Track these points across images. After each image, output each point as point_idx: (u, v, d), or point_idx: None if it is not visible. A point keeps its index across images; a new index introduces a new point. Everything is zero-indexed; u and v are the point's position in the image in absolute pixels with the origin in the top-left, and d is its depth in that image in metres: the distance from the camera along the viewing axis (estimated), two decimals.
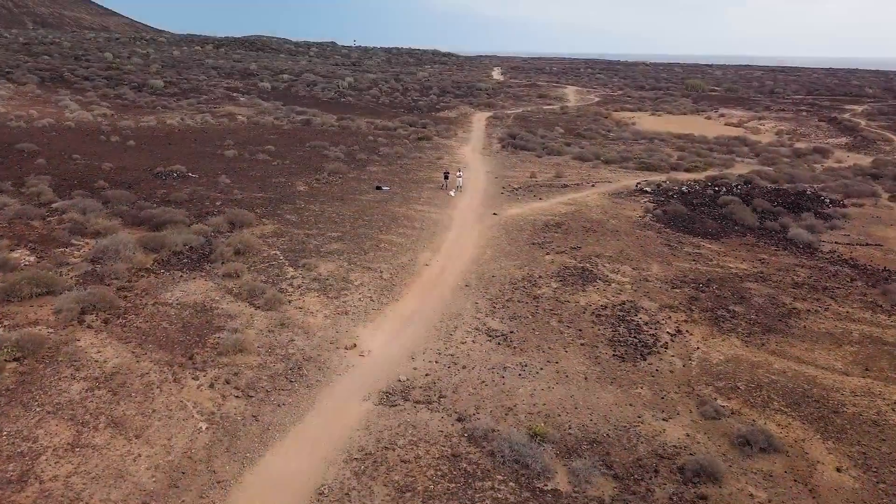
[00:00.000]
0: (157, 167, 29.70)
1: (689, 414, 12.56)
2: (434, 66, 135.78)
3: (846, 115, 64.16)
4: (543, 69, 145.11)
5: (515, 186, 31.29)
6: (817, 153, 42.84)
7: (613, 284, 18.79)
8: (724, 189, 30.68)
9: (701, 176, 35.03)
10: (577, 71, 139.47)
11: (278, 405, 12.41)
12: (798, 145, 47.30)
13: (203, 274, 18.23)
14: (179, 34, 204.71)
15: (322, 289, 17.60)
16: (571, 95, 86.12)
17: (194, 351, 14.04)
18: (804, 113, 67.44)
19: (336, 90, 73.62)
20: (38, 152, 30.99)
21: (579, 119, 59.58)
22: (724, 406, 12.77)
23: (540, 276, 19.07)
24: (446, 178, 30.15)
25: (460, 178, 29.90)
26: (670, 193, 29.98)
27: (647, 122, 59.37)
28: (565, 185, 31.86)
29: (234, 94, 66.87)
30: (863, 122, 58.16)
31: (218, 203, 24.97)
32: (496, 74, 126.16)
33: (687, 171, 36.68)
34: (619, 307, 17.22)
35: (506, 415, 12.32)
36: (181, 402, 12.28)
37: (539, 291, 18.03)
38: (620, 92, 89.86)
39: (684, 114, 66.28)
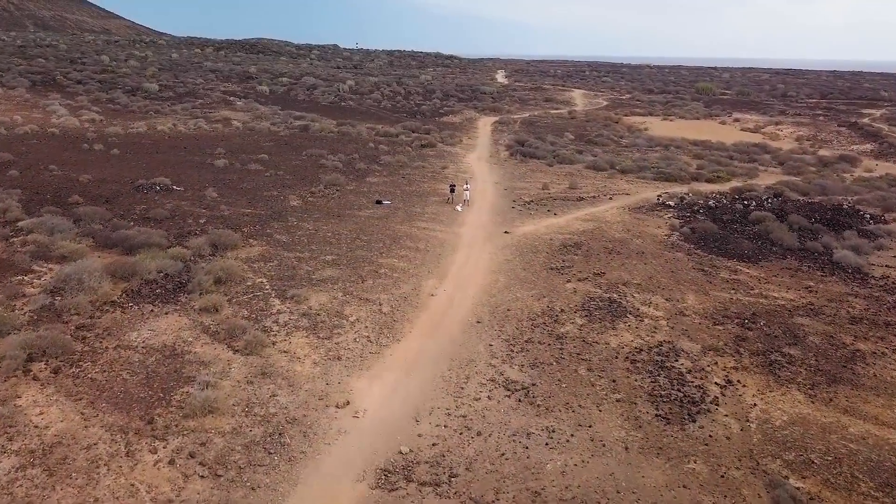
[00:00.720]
0: (139, 179, 27.44)
1: (757, 500, 10.17)
2: (437, 69, 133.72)
3: (865, 120, 61.69)
4: (548, 72, 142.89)
5: (527, 200, 28.95)
6: (844, 161, 40.44)
7: (647, 320, 16.42)
8: (755, 203, 28.31)
9: (725, 187, 32.67)
10: (583, 73, 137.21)
11: (252, 488, 10.07)
12: (822, 153, 44.90)
13: (177, 308, 15.95)
14: (180, 37, 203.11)
15: (312, 327, 15.28)
16: (578, 99, 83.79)
17: (156, 412, 11.73)
18: (821, 117, 65.03)
19: (336, 94, 71.45)
20: (12, 162, 28.79)
21: (589, 124, 57.25)
22: (799, 488, 10.39)
23: (562, 310, 16.70)
24: (452, 190, 27.84)
25: (467, 191, 27.58)
26: (695, 208, 27.61)
27: (659, 127, 57.02)
28: (581, 199, 29.50)
29: (231, 98, 64.74)
30: (885, 128, 55.70)
31: (202, 220, 22.70)
32: (500, 77, 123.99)
33: (709, 181, 34.31)
34: (656, 350, 14.85)
35: (532, 502, 9.96)
36: (132, 485, 9.95)
37: (562, 329, 15.66)
38: (629, 95, 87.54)
39: (697, 118, 63.93)
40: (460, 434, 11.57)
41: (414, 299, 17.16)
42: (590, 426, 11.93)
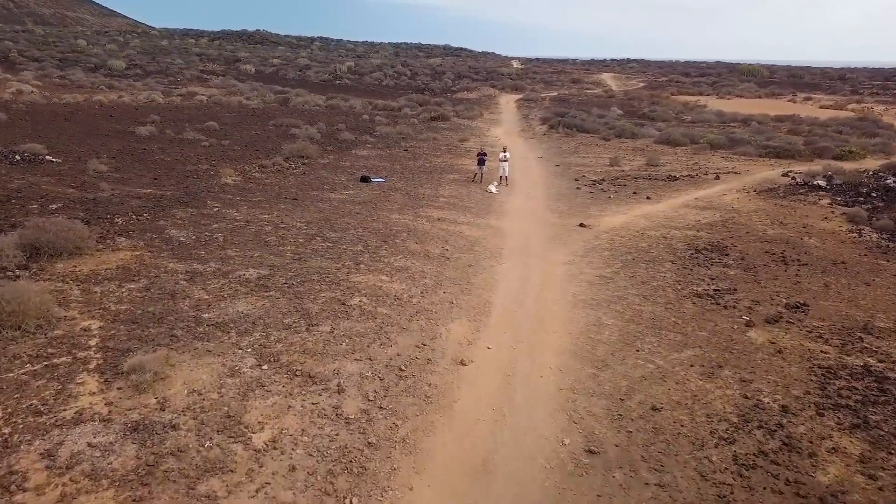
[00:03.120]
0: None
1: None
2: (446, 58, 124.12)
3: None
4: (566, 61, 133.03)
5: (594, 178, 19.13)
6: None
7: None
8: None
9: (870, 164, 22.68)
10: (604, 62, 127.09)
11: None
12: None
13: None
14: (175, 28, 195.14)
15: (143, 471, 5.44)
16: (610, 81, 73.74)
17: None
18: None
19: (332, 73, 61.96)
20: None
21: (633, 102, 47.31)
22: None
23: (784, 408, 6.81)
24: (481, 163, 18.07)
25: (505, 164, 17.82)
26: (863, 189, 17.63)
27: (719, 105, 46.97)
28: (674, 178, 19.61)
29: (207, 76, 55.35)
30: None
31: (54, 206, 13.03)
32: (516, 64, 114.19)
33: (837, 158, 24.31)
34: None
35: None
36: None
37: (821, 478, 5.71)
38: (665, 78, 77.34)
39: (758, 97, 53.84)
40: None
41: (422, 376, 7.31)
42: None
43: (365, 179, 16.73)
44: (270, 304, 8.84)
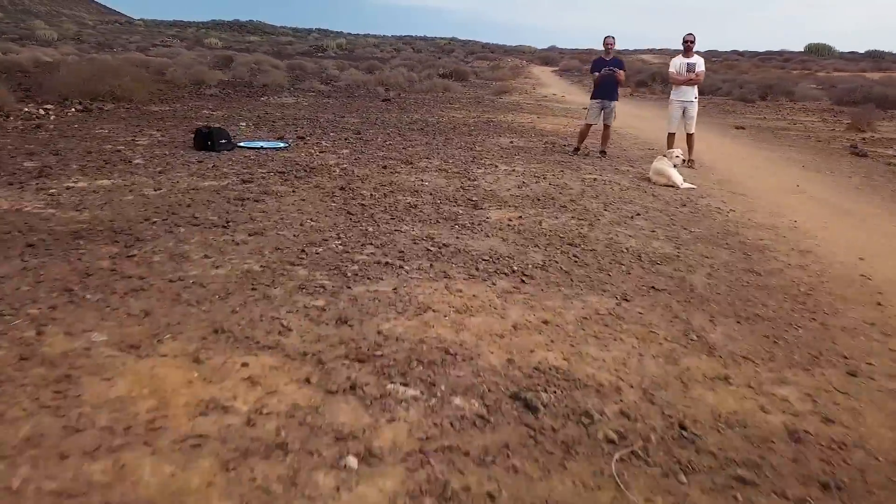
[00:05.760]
0: None
1: None
2: (454, 44, 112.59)
3: None
4: (590, 50, 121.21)
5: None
6: None
7: None
8: None
9: None
10: (627, 51, 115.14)
11: None
12: None
13: None
14: (164, 20, 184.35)
15: None
16: (653, 59, 61.69)
17: None
18: None
19: (316, 47, 50.28)
20: None
21: (708, 72, 35.31)
22: None
23: None
24: (608, 95, 5.95)
25: (690, 105, 5.94)
26: None
27: (821, 77, 34.96)
28: None
29: (154, 48, 43.73)
30: None
31: None
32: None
33: None
34: None
35: None
36: None
37: None
38: (716, 59, 65.18)
39: (863, 71, 41.85)
40: None
41: None
42: None
43: (211, 140, 4.70)
44: None
